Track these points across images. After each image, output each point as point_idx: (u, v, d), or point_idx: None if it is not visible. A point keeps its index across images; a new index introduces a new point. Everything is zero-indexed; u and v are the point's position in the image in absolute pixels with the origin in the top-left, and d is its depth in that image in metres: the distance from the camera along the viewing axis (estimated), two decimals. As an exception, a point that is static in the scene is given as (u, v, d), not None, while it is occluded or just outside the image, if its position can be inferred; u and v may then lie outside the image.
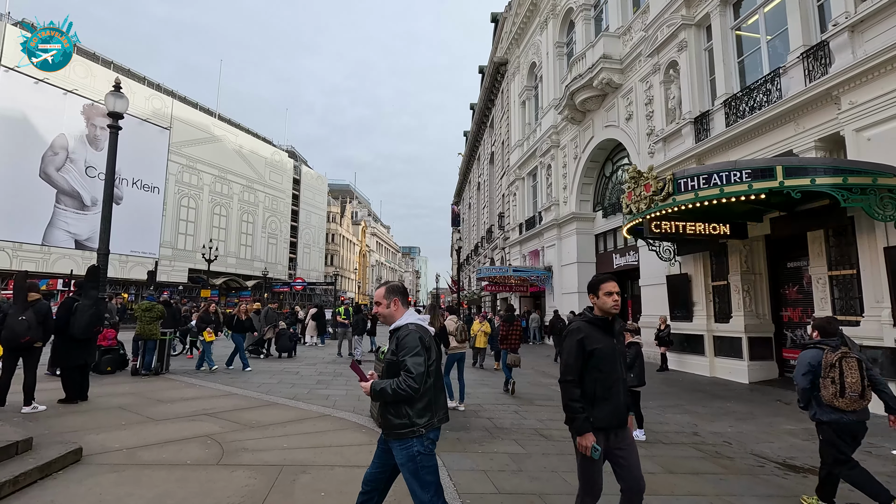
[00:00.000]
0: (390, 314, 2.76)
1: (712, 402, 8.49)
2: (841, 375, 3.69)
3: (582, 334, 2.79)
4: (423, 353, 2.54)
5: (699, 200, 8.44)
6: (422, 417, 2.56)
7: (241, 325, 11.14)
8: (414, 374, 2.46)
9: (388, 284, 2.82)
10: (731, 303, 11.19)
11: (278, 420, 5.99)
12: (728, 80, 11.53)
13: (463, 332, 7.88)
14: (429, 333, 2.69)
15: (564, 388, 2.77)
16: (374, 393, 2.55)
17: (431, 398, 2.63)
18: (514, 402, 8.15)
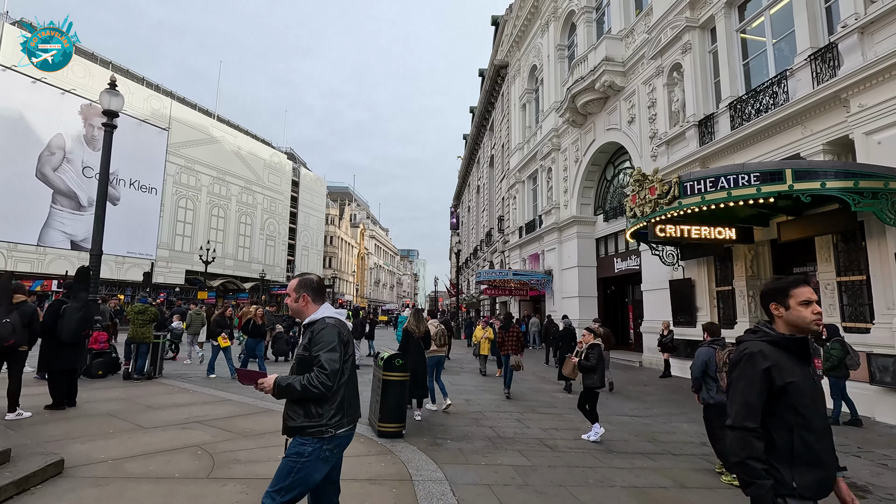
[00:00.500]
0: (298, 309, 2.58)
1: (719, 411, 8.28)
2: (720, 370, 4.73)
3: (768, 362, 1.88)
4: (340, 348, 2.39)
5: (706, 204, 8.27)
6: (333, 417, 2.38)
7: (258, 330, 10.42)
8: (328, 370, 2.30)
9: (301, 277, 2.63)
10: (735, 308, 11.01)
11: (273, 429, 5.76)
12: (733, 82, 11.39)
13: (443, 336, 7.94)
14: (346, 328, 2.57)
15: (740, 438, 1.85)
16: (278, 390, 2.33)
17: (345, 397, 2.46)
18: (515, 408, 7.94)
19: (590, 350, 6.26)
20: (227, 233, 47.86)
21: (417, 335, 6.96)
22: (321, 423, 2.35)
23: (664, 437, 6.48)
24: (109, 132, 10.64)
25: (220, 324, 10.42)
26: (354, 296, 79.86)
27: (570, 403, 8.61)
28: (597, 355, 6.20)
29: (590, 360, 6.14)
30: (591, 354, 6.20)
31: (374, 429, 5.72)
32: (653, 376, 12.25)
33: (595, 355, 6.19)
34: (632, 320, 18.61)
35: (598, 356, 6.20)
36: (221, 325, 10.38)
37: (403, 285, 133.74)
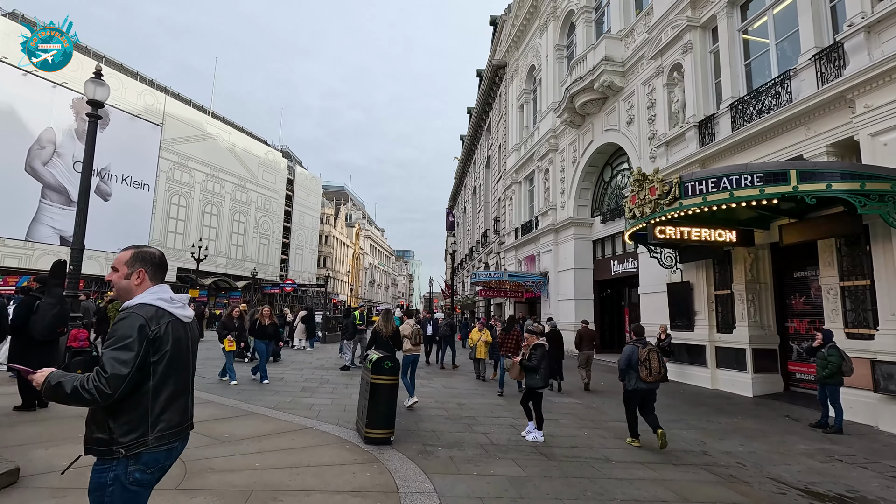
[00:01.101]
0: (128, 288, 2.04)
1: (718, 417, 8.06)
2: (649, 363, 6.08)
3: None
4: (137, 346, 1.86)
5: (707, 205, 8.05)
6: (127, 434, 1.88)
7: (265, 331, 9.80)
8: (108, 373, 1.80)
9: (137, 249, 2.11)
10: (734, 312, 10.80)
11: (254, 433, 5.47)
12: (735, 83, 11.20)
13: (417, 335, 8.22)
14: (173, 321, 2.01)
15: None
16: (46, 388, 1.85)
17: (155, 407, 1.94)
18: (509, 413, 7.67)
19: (533, 350, 6.23)
20: (220, 230, 47.38)
21: (385, 335, 7.10)
22: (113, 441, 1.87)
23: (664, 445, 6.22)
24: (94, 123, 10.30)
25: (227, 325, 9.50)
26: (349, 296, 79.39)
27: (567, 408, 8.37)
28: (539, 355, 6.24)
29: (532, 360, 6.20)
30: (533, 355, 6.24)
31: (361, 435, 5.43)
32: (649, 381, 11.99)
33: (538, 356, 6.23)
34: (628, 324, 18.39)
35: (540, 356, 6.18)
36: (228, 328, 9.42)
37: (398, 286, 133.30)
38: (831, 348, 7.24)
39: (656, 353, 6.14)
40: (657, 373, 6.08)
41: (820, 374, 7.32)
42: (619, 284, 18.91)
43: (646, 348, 6.14)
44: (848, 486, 4.86)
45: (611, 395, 9.89)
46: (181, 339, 2.05)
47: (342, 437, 5.45)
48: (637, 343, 6.32)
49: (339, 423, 6.26)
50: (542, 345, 6.33)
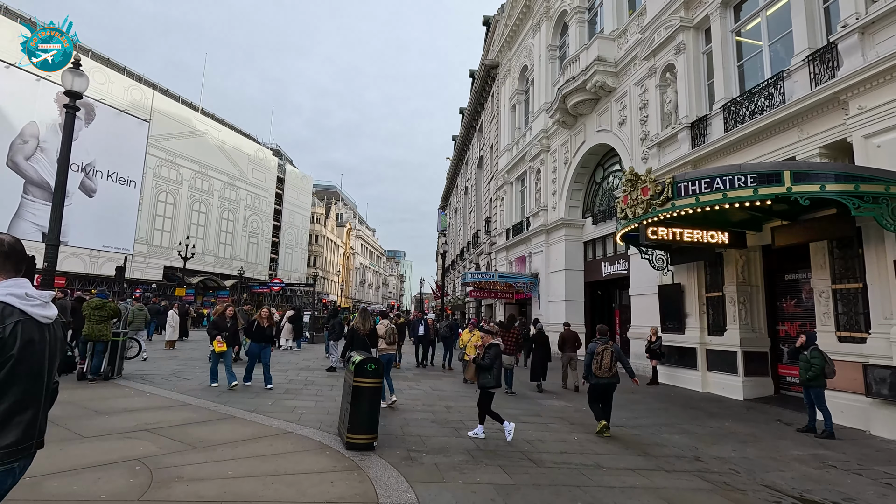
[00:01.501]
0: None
1: (709, 421, 7.94)
2: (601, 358, 6.68)
3: None
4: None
5: (700, 206, 7.93)
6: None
7: (262, 334, 9.30)
8: None
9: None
10: (725, 315, 10.72)
11: (230, 438, 5.21)
12: (727, 84, 11.14)
13: (392, 334, 8.42)
14: (24, 321, 1.72)
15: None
16: None
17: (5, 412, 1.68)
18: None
19: (487, 350, 6.26)
20: (208, 228, 46.73)
21: (363, 332, 7.12)
22: None
23: (655, 450, 6.07)
24: (71, 115, 9.98)
25: (218, 325, 8.93)
26: (339, 296, 78.85)
27: (556, 411, 8.19)
28: (493, 355, 6.19)
29: (486, 359, 6.20)
30: (487, 354, 6.25)
31: (342, 440, 5.20)
32: (640, 384, 11.89)
33: (491, 355, 6.24)
34: (618, 325, 18.32)
35: (494, 356, 6.20)
36: (219, 328, 8.88)
37: (389, 286, 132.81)
38: (814, 350, 7.18)
39: (611, 352, 6.77)
40: (607, 369, 6.67)
41: (804, 377, 7.25)
42: (609, 286, 18.82)
43: (603, 346, 6.78)
44: (843, 493, 4.74)
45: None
46: (34, 343, 1.74)
47: (323, 443, 5.22)
48: (598, 341, 6.91)
49: (321, 426, 6.02)
50: (497, 344, 6.35)
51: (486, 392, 6.18)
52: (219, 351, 8.55)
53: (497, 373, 6.25)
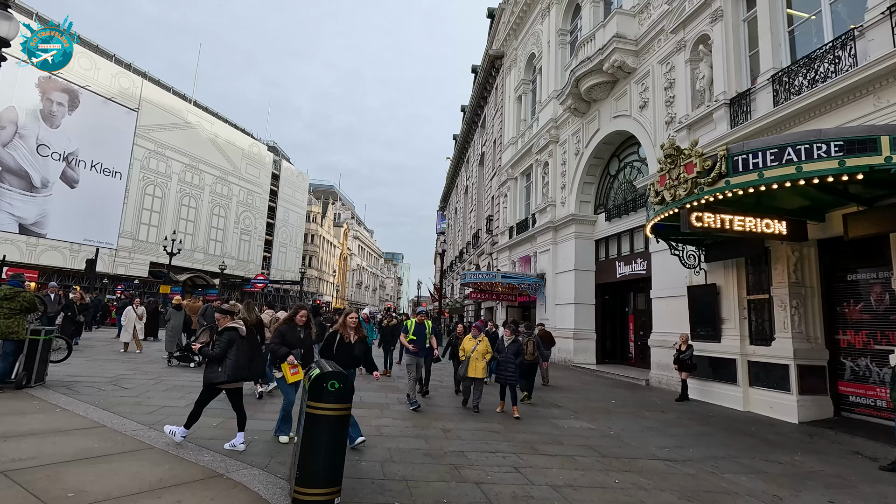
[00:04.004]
0: None
1: (773, 454, 6.32)
2: (527, 348, 8.87)
3: None
4: None
5: (766, 182, 6.33)
6: None
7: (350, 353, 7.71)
8: None
9: None
10: (773, 321, 9.11)
11: (125, 489, 3.56)
12: (776, 52, 9.58)
13: None
14: None
15: None
16: None
17: None
18: (509, 446, 5.84)
19: (219, 335, 4.88)
20: (198, 224, 45.05)
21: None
22: None
23: (727, 501, 4.45)
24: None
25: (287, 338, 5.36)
26: (335, 297, 77.03)
27: (580, 436, 6.52)
28: (225, 342, 4.75)
29: (216, 347, 4.79)
30: (219, 341, 4.81)
31: (290, 491, 3.56)
32: (667, 399, 10.29)
33: (223, 342, 4.75)
34: (632, 332, 16.72)
35: (226, 343, 4.75)
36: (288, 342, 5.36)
37: (387, 288, 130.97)
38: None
39: (534, 341, 9.34)
40: (531, 353, 9.02)
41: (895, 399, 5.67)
42: (622, 289, 17.23)
43: (528, 339, 9.26)
44: None
45: (626, 417, 8.12)
46: None
47: (262, 497, 3.57)
48: (525, 334, 9.49)
49: (270, 464, 4.38)
50: (235, 328, 4.89)
51: (212, 387, 4.74)
52: (293, 381, 5.19)
53: (232, 363, 4.71)
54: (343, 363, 4.92)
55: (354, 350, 5.41)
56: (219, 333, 4.91)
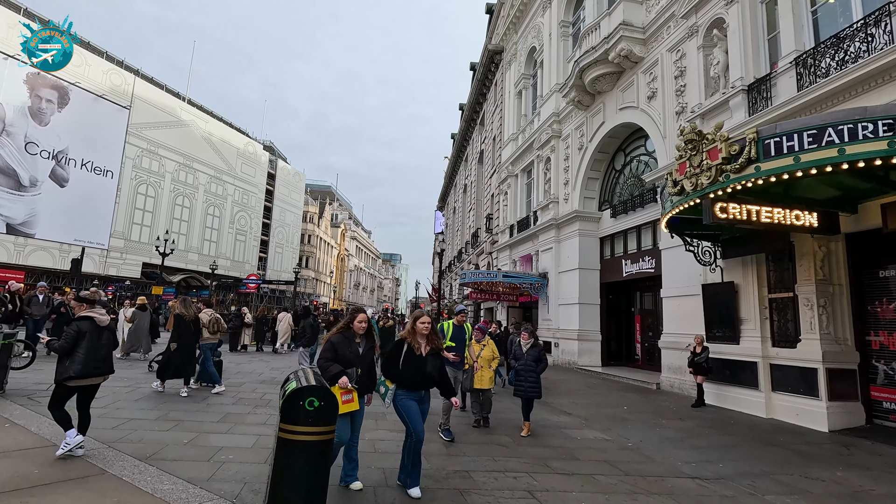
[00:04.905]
0: None
1: (811, 468, 5.68)
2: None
3: None
4: None
5: (804, 167, 5.70)
6: None
7: None
8: None
9: None
10: (798, 321, 8.48)
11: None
12: (799, 34, 8.97)
13: (216, 324, 8.31)
14: None
15: None
16: None
17: None
18: (520, 464, 5.19)
19: (68, 326, 4.43)
20: (192, 224, 44.28)
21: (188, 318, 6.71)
22: None
23: (778, 532, 3.80)
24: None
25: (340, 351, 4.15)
26: (332, 298, 76.27)
27: (595, 449, 5.82)
28: (73, 334, 4.28)
29: (65, 340, 4.29)
30: (67, 333, 4.32)
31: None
32: (682, 405, 9.65)
33: (71, 334, 4.28)
34: (639, 332, 16.09)
35: (74, 337, 4.28)
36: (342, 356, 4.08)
37: (385, 289, 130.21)
38: None
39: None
40: None
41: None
42: (628, 288, 16.61)
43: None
44: None
45: (642, 426, 7.48)
46: None
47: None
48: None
49: (242, 493, 3.72)
50: (89, 318, 4.39)
51: (63, 387, 4.19)
52: (346, 412, 3.79)
53: (82, 358, 4.20)
54: (411, 383, 4.11)
55: (427, 366, 4.17)
56: (67, 323, 4.32)
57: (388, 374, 4.17)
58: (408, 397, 4.10)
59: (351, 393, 3.83)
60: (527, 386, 6.44)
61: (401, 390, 4.11)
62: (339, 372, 3.83)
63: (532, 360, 6.55)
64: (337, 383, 3.73)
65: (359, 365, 4.06)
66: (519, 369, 6.57)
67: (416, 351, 4.19)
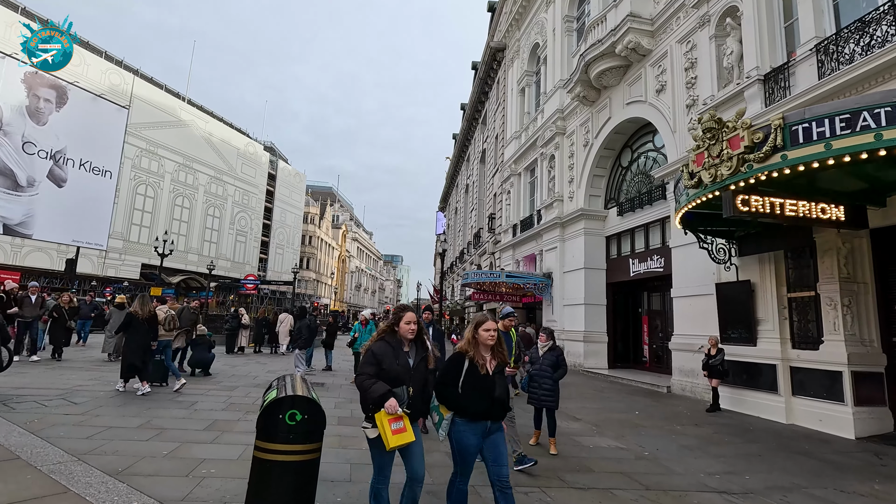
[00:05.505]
0: None
1: (844, 481, 5.24)
2: None
3: None
4: None
5: (834, 156, 5.28)
6: None
7: None
8: None
9: None
10: (820, 322, 8.04)
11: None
12: (819, 20, 8.55)
13: (172, 321, 8.47)
14: None
15: None
16: None
17: None
18: (529, 477, 4.75)
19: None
20: (191, 225, 43.96)
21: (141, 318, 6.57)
22: None
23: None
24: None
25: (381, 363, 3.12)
26: (333, 299, 75.89)
27: (610, 458, 5.36)
28: None
29: None
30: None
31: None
32: (696, 409, 9.21)
33: None
34: (646, 334, 15.64)
35: None
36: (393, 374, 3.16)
37: (386, 291, 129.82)
38: None
39: None
40: None
41: None
42: (635, 288, 16.17)
43: None
44: None
45: (657, 432, 7.04)
46: None
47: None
48: None
49: (223, 511, 3.30)
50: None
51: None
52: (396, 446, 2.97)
53: None
54: (475, 411, 3.14)
55: (495, 388, 3.23)
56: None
57: (444, 400, 3.23)
58: (470, 431, 3.14)
59: (402, 419, 2.95)
60: (541, 393, 5.79)
61: (461, 420, 3.16)
62: (385, 393, 2.92)
63: (548, 364, 5.86)
64: (383, 407, 2.88)
65: (409, 382, 3.11)
66: (533, 374, 5.91)
67: (481, 369, 3.23)
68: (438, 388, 3.27)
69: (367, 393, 2.96)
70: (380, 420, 2.87)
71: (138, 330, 7.35)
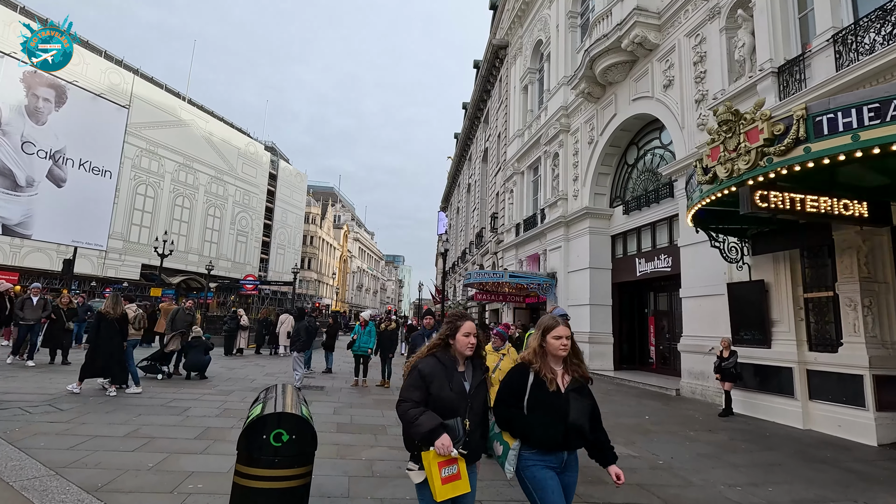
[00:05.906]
0: None
1: (872, 492, 4.93)
2: None
3: None
4: None
5: (862, 148, 4.97)
6: None
7: None
8: None
9: None
10: (839, 323, 7.72)
11: None
12: (836, 10, 8.23)
13: (142, 320, 8.45)
14: None
15: None
16: None
17: None
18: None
19: None
20: (192, 225, 43.74)
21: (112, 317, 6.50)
22: None
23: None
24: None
25: None
26: (334, 300, 75.66)
27: (633, 471, 5.02)
28: None
29: None
30: None
31: None
32: (708, 413, 8.90)
33: None
34: (653, 335, 15.33)
35: None
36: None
37: (387, 291, 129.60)
38: None
39: None
40: None
41: None
42: (641, 288, 15.86)
43: None
44: None
45: (669, 438, 6.73)
46: None
47: None
48: None
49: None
50: None
51: None
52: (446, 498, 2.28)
53: None
54: (544, 434, 2.49)
55: (569, 409, 2.53)
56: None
57: (506, 424, 2.59)
58: (543, 463, 2.50)
59: (456, 463, 2.27)
60: None
61: (528, 451, 2.50)
62: (436, 427, 2.28)
63: None
64: (433, 446, 2.24)
65: (466, 413, 2.43)
66: None
67: (550, 384, 2.55)
68: (498, 409, 2.62)
69: (412, 426, 2.33)
70: (427, 462, 2.23)
71: (109, 330, 7.19)
